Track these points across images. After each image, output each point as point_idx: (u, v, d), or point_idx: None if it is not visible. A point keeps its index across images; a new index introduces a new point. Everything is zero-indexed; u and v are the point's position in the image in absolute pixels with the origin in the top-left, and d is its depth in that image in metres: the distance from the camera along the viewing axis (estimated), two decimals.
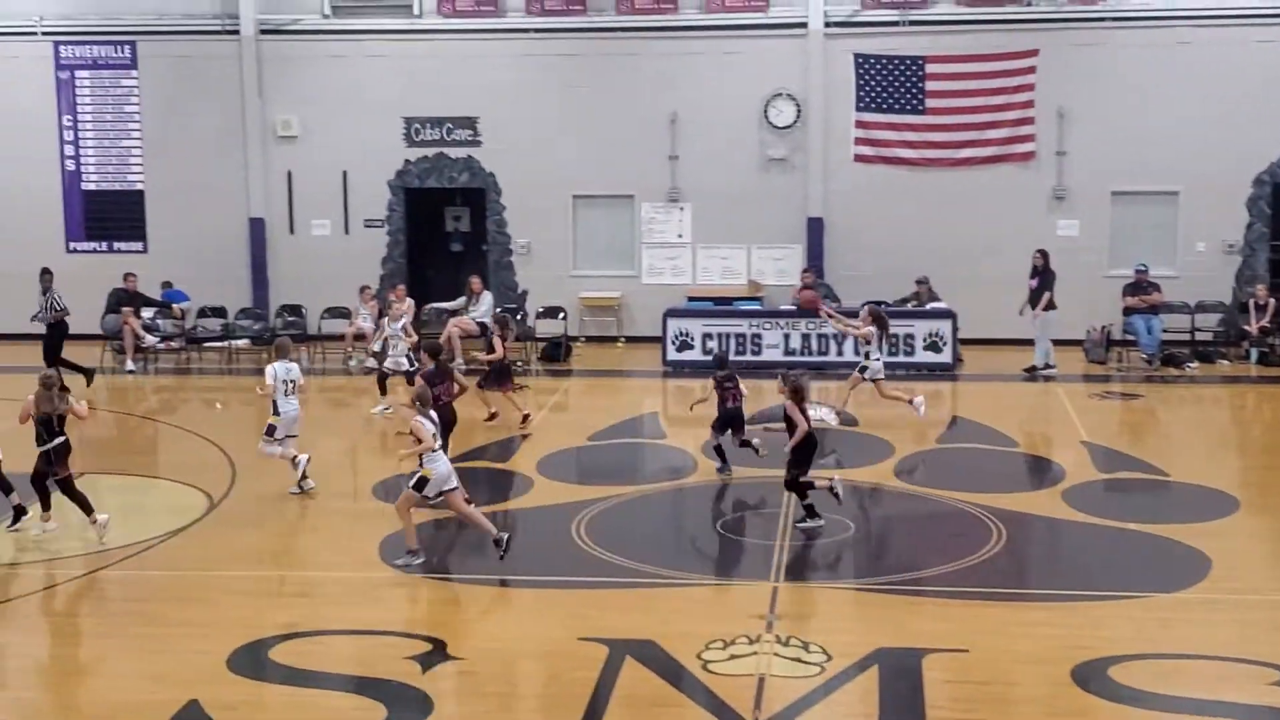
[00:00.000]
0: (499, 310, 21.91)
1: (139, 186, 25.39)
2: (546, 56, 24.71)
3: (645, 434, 19.73)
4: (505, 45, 24.67)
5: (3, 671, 12.08)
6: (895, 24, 24.48)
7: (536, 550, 14.89)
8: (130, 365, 23.11)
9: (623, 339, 24.92)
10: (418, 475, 14.06)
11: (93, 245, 25.57)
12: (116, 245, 25.47)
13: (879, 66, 24.50)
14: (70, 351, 23.43)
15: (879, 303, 21.83)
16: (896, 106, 24.59)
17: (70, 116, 25.21)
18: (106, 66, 25.21)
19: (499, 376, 19.58)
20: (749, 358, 22.66)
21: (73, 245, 25.52)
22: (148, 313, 23.86)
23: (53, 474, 15.03)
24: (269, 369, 16.75)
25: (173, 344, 23.92)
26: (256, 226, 25.08)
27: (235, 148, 25.06)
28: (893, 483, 16.73)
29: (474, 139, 24.90)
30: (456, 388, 17.22)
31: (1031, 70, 24.45)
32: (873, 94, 24.53)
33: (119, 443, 19.64)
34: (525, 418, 19.38)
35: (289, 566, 14.34)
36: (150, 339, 23.62)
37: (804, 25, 24.40)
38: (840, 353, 22.94)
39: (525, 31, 24.62)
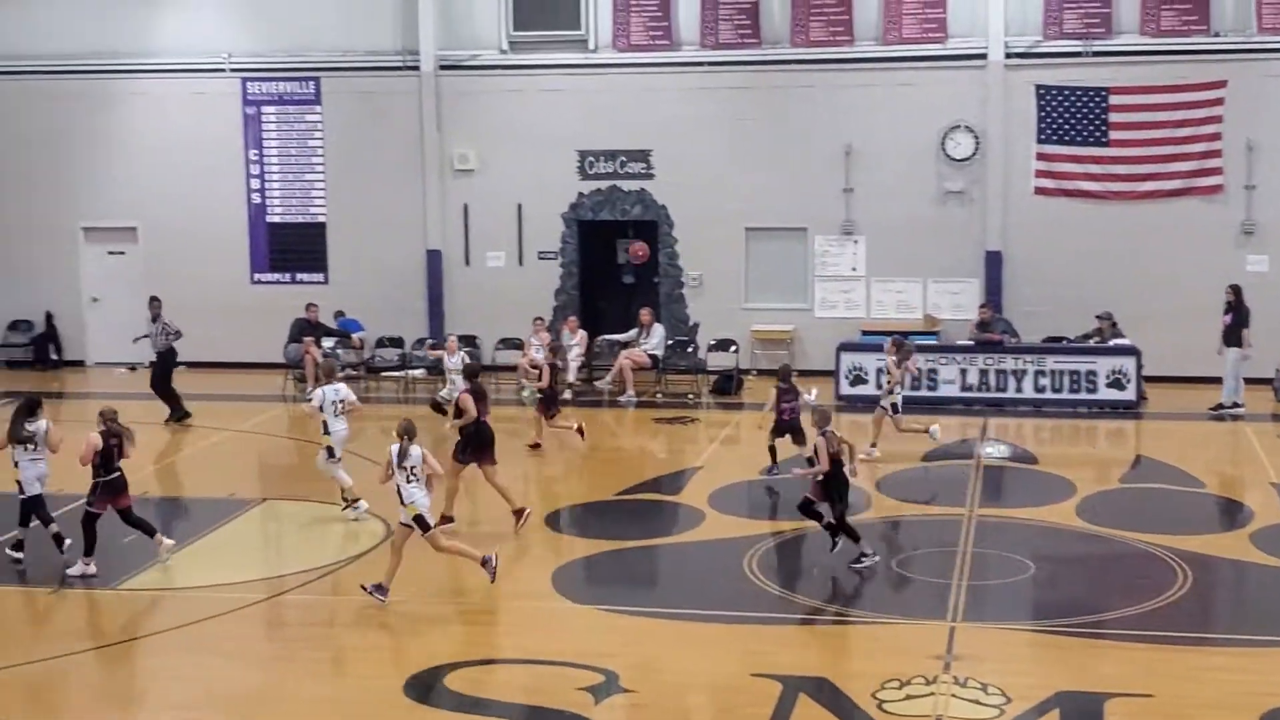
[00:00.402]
0: (551, 339, 22.35)
1: (321, 219, 25.92)
2: (720, 89, 24.71)
3: None
4: (679, 78, 24.73)
5: (185, 694, 12.33)
6: (1078, 54, 24.02)
7: (708, 584, 14.79)
8: (311, 394, 23.54)
9: (795, 373, 24.72)
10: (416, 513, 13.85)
11: (276, 276, 26.15)
12: (299, 276, 26.01)
13: (1061, 98, 24.06)
14: (254, 380, 24.02)
15: (905, 334, 21.52)
16: (1079, 138, 24.11)
17: (256, 150, 25.86)
18: (292, 102, 25.82)
19: (546, 403, 19.95)
20: (924, 393, 22.33)
21: (257, 276, 26.13)
22: (328, 342, 24.32)
23: (88, 504, 15.00)
24: (318, 392, 17.02)
25: (351, 373, 24.34)
26: (433, 258, 25.44)
27: (414, 181, 25.47)
28: (1074, 523, 16.31)
29: (647, 172, 24.99)
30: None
31: (1219, 102, 23.79)
32: (1054, 126, 24.09)
33: (300, 469, 19.98)
34: (535, 445, 19.88)
35: (463, 593, 14.42)
36: (340, 370, 24.05)
37: (983, 56, 24.06)
38: (1020, 389, 22.50)
39: (699, 65, 24.66)
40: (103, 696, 12.35)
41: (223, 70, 25.77)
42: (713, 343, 24.45)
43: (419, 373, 24.34)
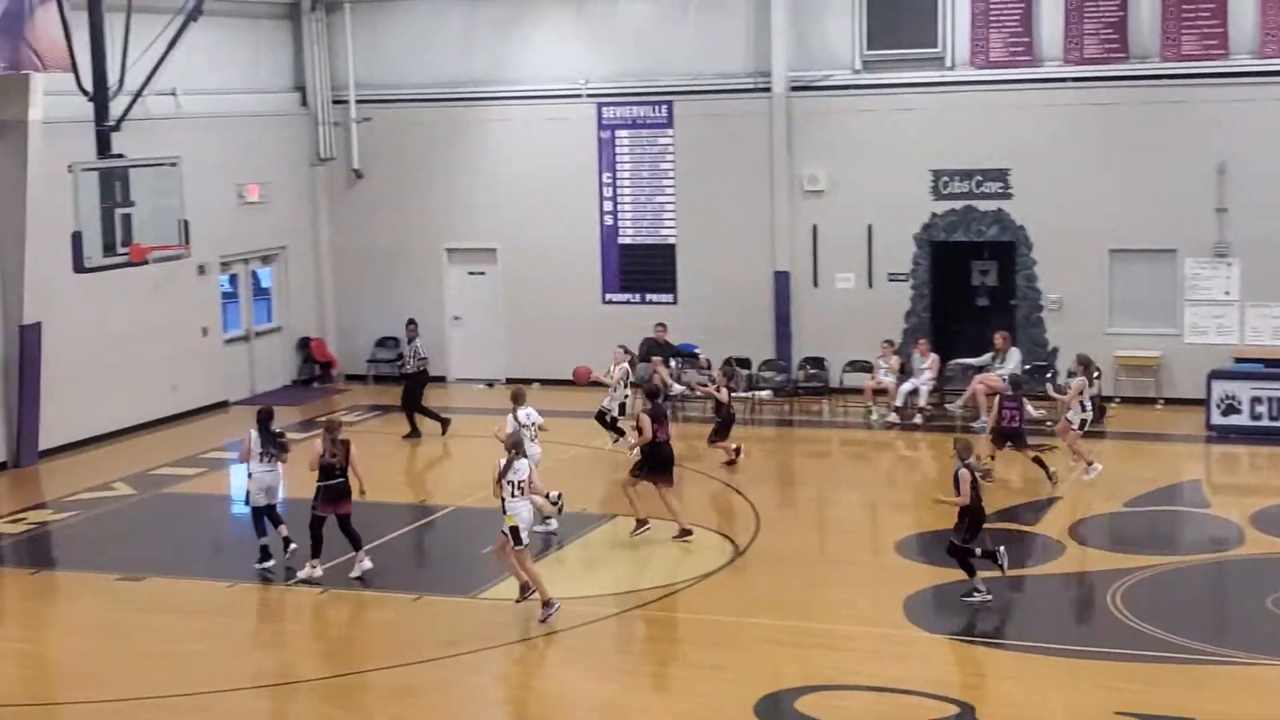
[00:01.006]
0: (727, 362, 22.17)
1: (671, 240, 26.12)
2: (1083, 105, 23.80)
3: (1186, 502, 18.55)
4: (1040, 95, 23.94)
5: (537, 702, 12.48)
6: None
7: (1069, 618, 14.21)
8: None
9: (1162, 401, 23.60)
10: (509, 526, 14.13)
11: (626, 296, 26.47)
12: (649, 296, 26.27)
13: None
14: (602, 398, 24.33)
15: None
16: None
17: (610, 173, 26.26)
18: (645, 125, 26.13)
19: (720, 429, 20.22)
20: None
21: (608, 296, 26.52)
22: (675, 363, 24.47)
23: (313, 508, 15.61)
24: (509, 418, 17.11)
25: (698, 394, 24.42)
26: (781, 279, 25.31)
27: (763, 202, 25.40)
28: None
29: (1004, 191, 24.27)
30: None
31: None
32: None
33: (647, 486, 20.09)
34: (732, 460, 20.04)
35: (812, 618, 14.21)
36: (677, 388, 24.19)
37: None
38: None
39: (1062, 81, 23.83)
40: (458, 702, 12.60)
41: (580, 96, 26.27)
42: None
43: (766, 394, 24.23)
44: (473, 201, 26.84)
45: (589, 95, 26.17)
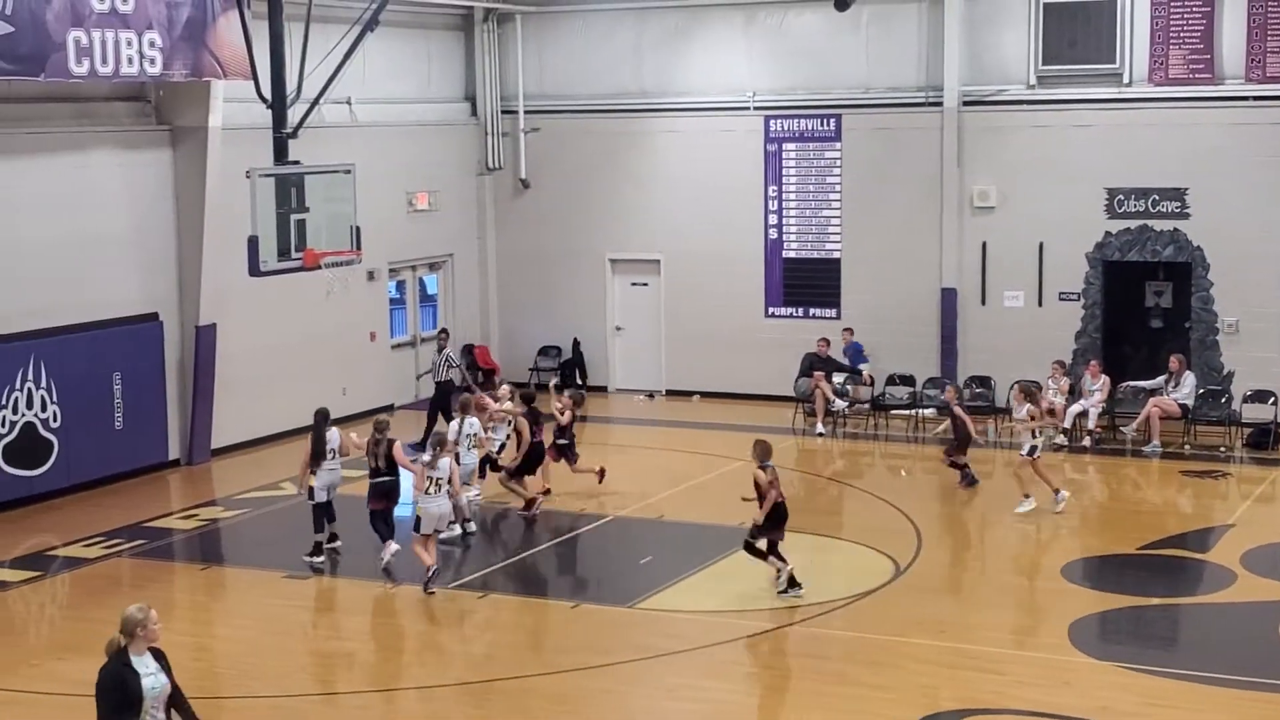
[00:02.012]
0: (572, 390, 21.54)
1: (835, 255, 25.92)
2: (1265, 125, 23.12)
3: None
4: (1220, 113, 23.31)
5: (690, 715, 12.42)
6: None
7: (1239, 648, 13.76)
8: (820, 428, 23.55)
9: None
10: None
11: (789, 310, 26.33)
12: (812, 311, 26.10)
13: None
14: (764, 412, 24.24)
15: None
16: None
17: (776, 187, 26.15)
18: (812, 139, 25.97)
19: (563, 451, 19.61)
20: None
21: (771, 310, 26.40)
22: (838, 378, 24.26)
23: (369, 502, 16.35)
24: (452, 425, 18.10)
25: (861, 409, 24.21)
26: (948, 296, 24.97)
27: (931, 218, 25.09)
28: None
29: (1181, 211, 23.67)
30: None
31: None
32: None
33: (806, 503, 19.94)
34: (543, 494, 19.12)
35: (972, 640, 13.96)
36: (840, 403, 24.00)
37: None
38: None
39: (1243, 99, 23.17)
40: (612, 711, 12.60)
41: (747, 108, 26.22)
42: (1249, 393, 22.85)
43: (929, 412, 23.92)
44: (637, 212, 26.94)
45: (756, 108, 26.11)
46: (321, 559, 16.69)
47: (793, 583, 15.20)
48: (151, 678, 9.10)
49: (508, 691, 12.98)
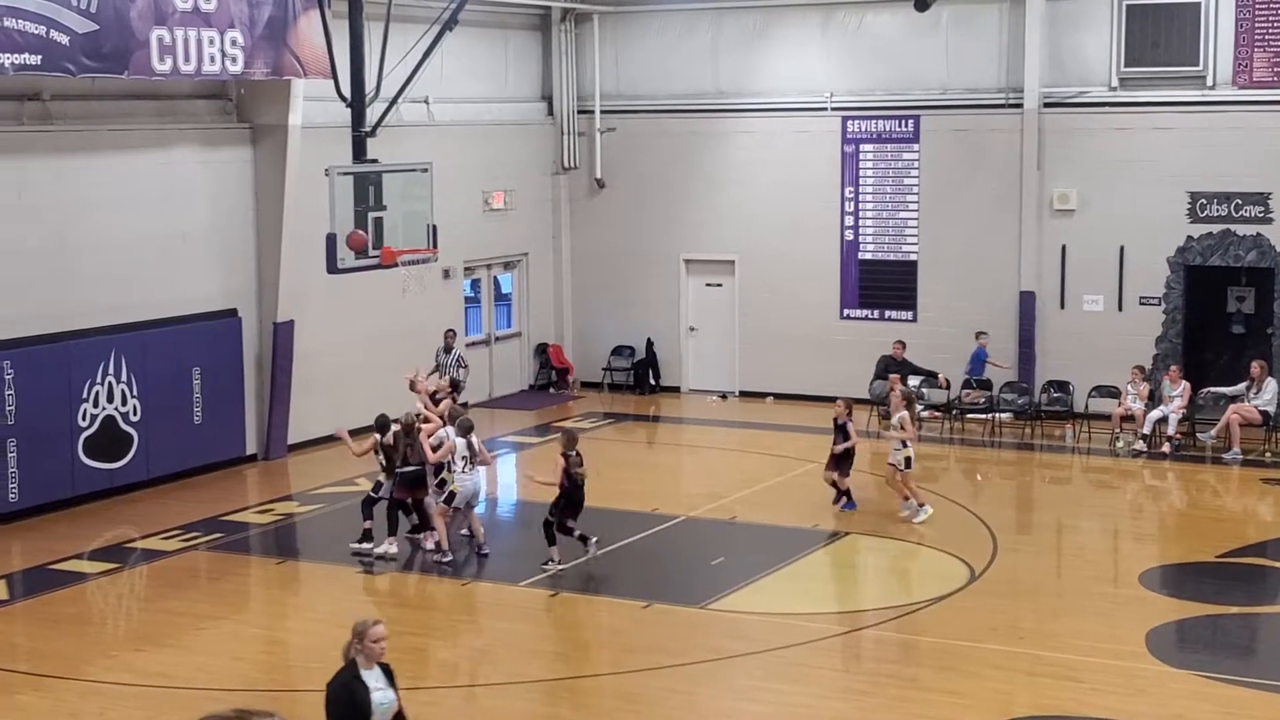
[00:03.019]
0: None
1: (912, 257, 25.75)
2: None
3: None
4: None
5: (762, 716, 12.36)
6: None
7: None
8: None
9: None
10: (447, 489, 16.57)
11: (864, 313, 26.18)
12: (888, 314, 25.95)
13: None
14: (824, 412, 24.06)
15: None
16: None
17: (852, 188, 26.01)
18: (890, 140, 25.81)
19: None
20: None
21: (846, 312, 26.27)
22: (914, 380, 24.09)
23: (390, 493, 16.85)
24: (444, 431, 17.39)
25: (936, 413, 24.02)
26: (1026, 300, 24.73)
27: (1009, 220, 24.86)
28: None
29: (1264, 216, 23.32)
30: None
31: None
32: None
33: (879, 506, 19.83)
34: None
35: (1047, 646, 13.81)
36: (916, 407, 23.82)
37: None
38: None
39: None
40: (682, 712, 12.57)
41: (824, 109, 26.10)
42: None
43: (1006, 416, 23.71)
44: (712, 213, 26.88)
45: (834, 108, 25.98)
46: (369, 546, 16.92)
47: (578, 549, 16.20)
48: (380, 693, 8.87)
49: (577, 689, 12.99)
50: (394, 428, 16.97)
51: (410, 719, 9.20)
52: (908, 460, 18.24)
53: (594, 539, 16.39)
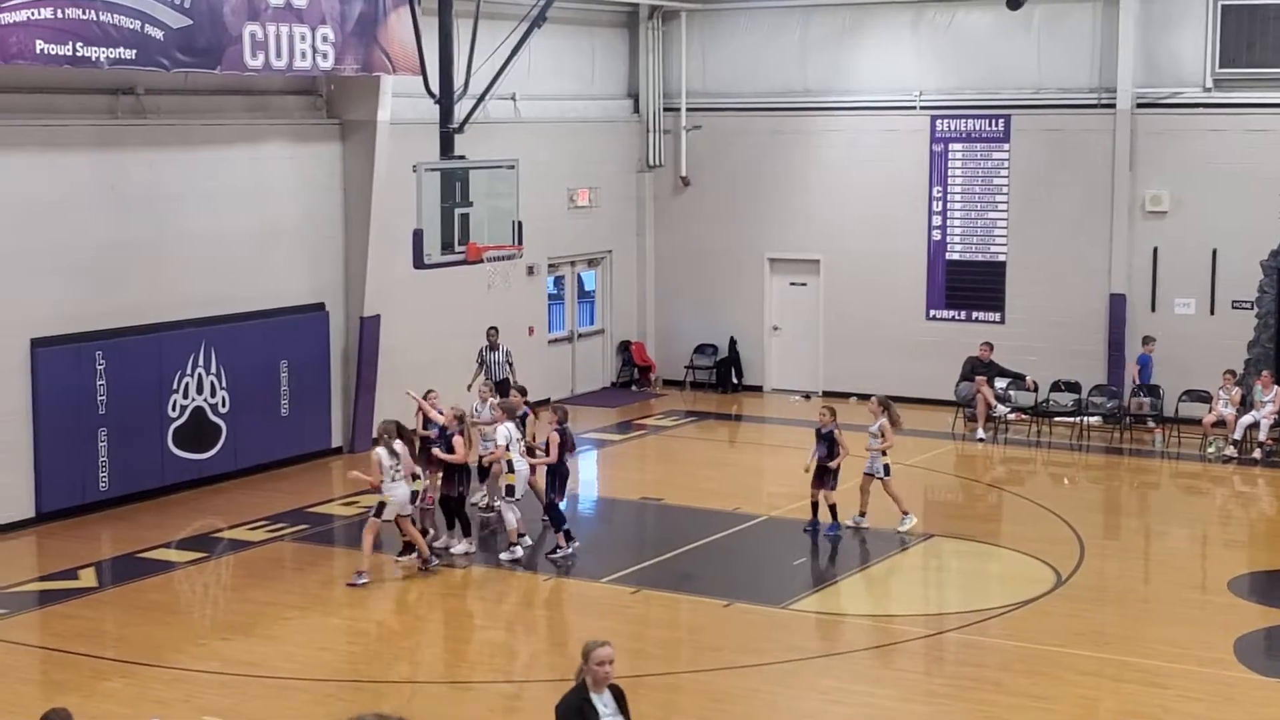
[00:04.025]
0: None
1: (1000, 258, 25.50)
2: None
3: None
4: None
5: (847, 718, 12.29)
6: None
7: None
8: (980, 433, 23.19)
9: None
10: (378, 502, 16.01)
11: (951, 314, 25.96)
12: (975, 315, 25.71)
13: None
14: (924, 416, 23.92)
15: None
16: None
17: (940, 188, 25.81)
18: (980, 139, 25.57)
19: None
20: None
21: (932, 313, 26.06)
22: (1001, 383, 23.86)
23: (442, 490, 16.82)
24: (501, 429, 17.04)
25: (1024, 415, 23.77)
26: (1116, 303, 24.43)
27: (1100, 222, 24.55)
28: None
29: None
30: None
31: None
32: None
33: (965, 508, 19.72)
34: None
35: (1134, 652, 13.63)
36: (1001, 409, 23.61)
37: None
38: None
39: None
40: (764, 711, 12.53)
41: (913, 108, 25.91)
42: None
43: (1095, 420, 23.42)
44: (798, 212, 26.76)
45: (923, 107, 25.79)
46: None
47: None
48: (609, 719, 8.44)
49: (656, 686, 12.97)
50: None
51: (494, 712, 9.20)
52: (886, 468, 17.68)
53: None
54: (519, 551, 16.58)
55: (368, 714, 3.12)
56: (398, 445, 16.18)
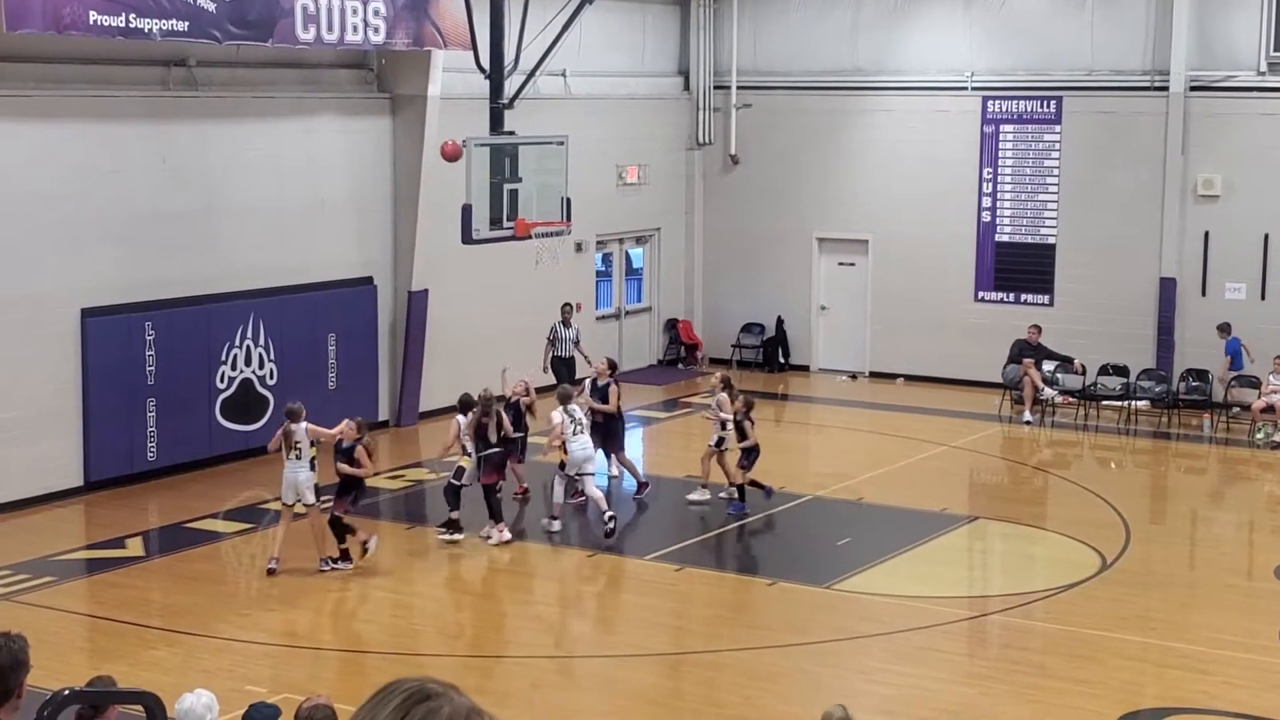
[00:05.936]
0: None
1: (1050, 240, 25.33)
2: None
3: None
4: None
5: (888, 697, 12.28)
6: None
7: None
8: (1027, 416, 23.07)
9: None
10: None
11: (999, 296, 25.81)
12: (1024, 297, 25.56)
13: None
14: (971, 398, 23.84)
15: None
16: None
17: (991, 169, 25.64)
18: (1031, 121, 25.39)
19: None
20: None
21: (980, 294, 25.92)
22: (1048, 365, 23.72)
23: (479, 479, 16.33)
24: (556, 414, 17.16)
25: (1071, 399, 23.63)
26: (1167, 286, 24.23)
27: (1151, 206, 24.35)
28: None
29: None
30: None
31: None
32: None
33: (1010, 491, 19.63)
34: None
35: (1179, 638, 13.56)
36: (1049, 391, 23.47)
37: None
38: None
39: None
40: (807, 690, 12.53)
41: (965, 89, 25.73)
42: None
43: (1143, 404, 23.26)
44: (847, 191, 26.65)
45: (974, 88, 25.61)
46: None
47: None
48: None
49: (700, 664, 13.00)
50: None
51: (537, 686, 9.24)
52: (720, 440, 17.84)
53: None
54: (556, 525, 16.63)
55: (414, 678, 3.11)
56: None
